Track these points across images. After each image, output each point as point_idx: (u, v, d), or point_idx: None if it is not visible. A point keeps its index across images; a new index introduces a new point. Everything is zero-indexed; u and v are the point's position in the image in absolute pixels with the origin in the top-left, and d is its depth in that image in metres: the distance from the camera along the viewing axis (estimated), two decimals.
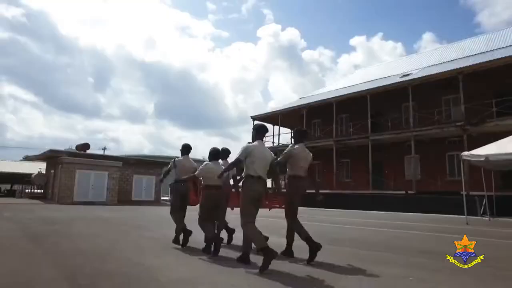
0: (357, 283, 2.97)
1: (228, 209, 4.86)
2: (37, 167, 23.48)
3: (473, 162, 10.45)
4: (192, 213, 5.03)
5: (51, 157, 19.37)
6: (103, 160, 18.93)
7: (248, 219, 3.59)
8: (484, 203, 13.28)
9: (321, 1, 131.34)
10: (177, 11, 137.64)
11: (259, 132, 3.96)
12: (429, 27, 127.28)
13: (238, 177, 4.19)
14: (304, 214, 12.77)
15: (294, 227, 4.08)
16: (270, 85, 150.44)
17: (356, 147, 21.53)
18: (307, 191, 4.25)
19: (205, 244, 4.30)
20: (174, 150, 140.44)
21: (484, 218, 12.39)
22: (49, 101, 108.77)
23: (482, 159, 9.88)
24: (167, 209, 5.45)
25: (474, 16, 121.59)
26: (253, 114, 27.75)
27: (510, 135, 15.04)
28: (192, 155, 5.51)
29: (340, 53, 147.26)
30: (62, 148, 20.26)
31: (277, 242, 4.33)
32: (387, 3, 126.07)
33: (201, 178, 4.56)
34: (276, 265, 3.34)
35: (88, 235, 5.62)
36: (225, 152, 5.01)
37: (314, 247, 3.74)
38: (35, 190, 21.20)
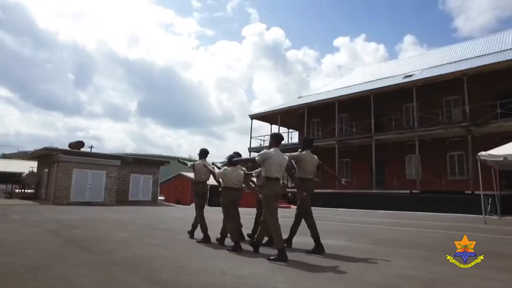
0: None
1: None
2: (27, 166, 22.40)
3: (490, 162, 10.53)
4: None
5: (45, 156, 18.45)
6: (101, 159, 18.18)
7: (273, 214, 4.13)
8: (489, 201, 13.52)
9: (306, 1, 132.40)
10: (161, 8, 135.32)
11: (276, 140, 4.44)
12: (410, 30, 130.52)
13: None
14: (315, 214, 12.70)
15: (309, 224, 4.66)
16: (255, 84, 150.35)
17: (357, 146, 21.61)
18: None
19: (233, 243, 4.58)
20: (158, 148, 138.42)
21: (492, 217, 12.58)
22: (26, 98, 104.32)
23: (501, 159, 9.97)
24: (172, 209, 5.76)
25: (452, 21, 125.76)
26: (236, 113, 27.92)
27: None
28: (175, 154, 5.44)
29: (324, 53, 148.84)
30: (40, 147, 19.29)
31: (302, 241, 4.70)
32: (371, 5, 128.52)
33: (221, 180, 4.95)
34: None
35: (130, 240, 5.21)
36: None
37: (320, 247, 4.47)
38: (26, 190, 20.14)
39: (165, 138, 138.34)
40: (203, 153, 5.74)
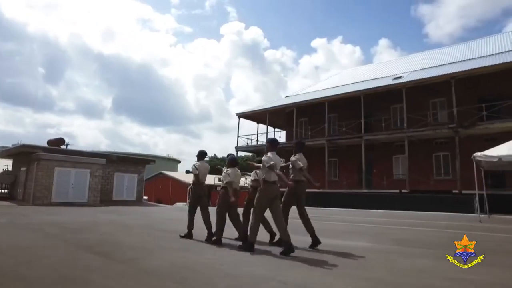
0: None
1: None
2: (0, 165, 20.91)
3: (483, 162, 10.83)
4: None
5: (22, 153, 17.27)
6: (85, 157, 17.25)
7: (260, 215, 4.52)
8: (477, 200, 14.00)
9: (285, 2, 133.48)
10: (138, 3, 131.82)
11: (272, 145, 4.74)
12: (385, 34, 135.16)
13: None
14: (308, 213, 12.64)
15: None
16: (232, 83, 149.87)
17: (345, 146, 21.84)
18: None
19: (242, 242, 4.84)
20: (133, 147, 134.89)
21: (481, 215, 13.01)
22: None
23: (495, 159, 10.27)
24: (161, 209, 5.99)
25: (423, 27, 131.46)
26: (214, 111, 27.72)
27: (496, 137, 16.08)
28: (151, 152, 5.35)
29: (301, 54, 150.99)
30: (10, 144, 18.15)
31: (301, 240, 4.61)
32: (347, 7, 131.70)
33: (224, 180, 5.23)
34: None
35: (147, 245, 4.82)
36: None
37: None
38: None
39: (141, 136, 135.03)
40: (202, 155, 5.90)
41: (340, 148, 22.05)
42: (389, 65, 26.91)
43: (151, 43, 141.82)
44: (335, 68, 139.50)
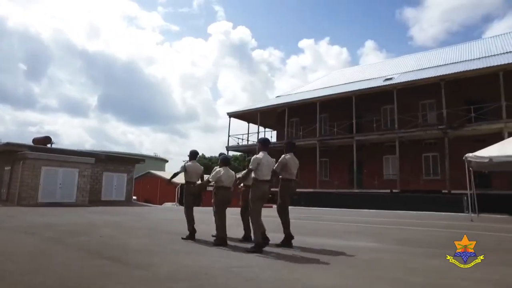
0: None
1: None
2: None
3: (475, 163, 11.08)
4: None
5: (6, 152, 16.61)
6: (73, 156, 16.74)
7: (258, 213, 4.58)
8: (466, 200, 14.36)
9: (273, 2, 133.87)
10: (124, 0, 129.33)
11: (263, 145, 4.89)
12: (371, 36, 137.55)
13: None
14: (302, 213, 12.69)
15: (284, 220, 5.00)
16: (220, 83, 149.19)
17: (336, 147, 22.01)
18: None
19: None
20: (119, 146, 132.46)
21: (471, 214, 13.34)
22: None
23: (486, 160, 10.53)
24: (153, 209, 6.18)
25: (408, 30, 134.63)
26: (201, 111, 27.80)
27: (485, 138, 16.54)
28: (137, 151, 5.29)
29: (289, 54, 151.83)
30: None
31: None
32: (335, 9, 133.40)
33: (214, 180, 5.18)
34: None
35: (155, 248, 4.65)
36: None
37: (291, 237, 4.91)
38: None
39: (127, 135, 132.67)
40: (194, 155, 5.95)
41: (330, 148, 22.22)
42: (378, 66, 27.33)
43: (137, 41, 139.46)
44: (322, 68, 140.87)
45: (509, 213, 12.73)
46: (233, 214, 5.93)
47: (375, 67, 27.35)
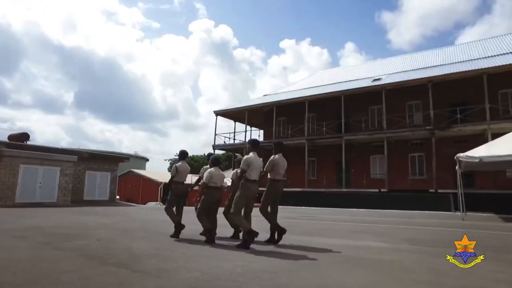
0: None
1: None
2: None
3: (465, 162, 11.31)
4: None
5: None
6: (54, 154, 15.91)
7: (239, 211, 4.77)
8: (452, 199, 14.74)
9: (255, 2, 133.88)
10: None
11: (253, 145, 5.10)
12: (351, 38, 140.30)
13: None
14: (293, 213, 12.59)
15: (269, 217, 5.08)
16: (201, 81, 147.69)
17: (323, 146, 22.10)
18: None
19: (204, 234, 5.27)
20: (96, 144, 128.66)
21: (457, 213, 13.68)
22: None
23: (476, 160, 10.77)
24: (140, 209, 6.67)
25: (386, 33, 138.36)
26: (181, 109, 27.31)
27: (465, 138, 17.04)
28: (116, 149, 5.17)
29: (270, 54, 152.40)
30: None
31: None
32: (316, 10, 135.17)
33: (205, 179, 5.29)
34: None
35: (162, 252, 4.34)
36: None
37: (282, 231, 4.99)
38: None
39: (105, 133, 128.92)
40: (183, 155, 6.08)
41: (317, 148, 22.28)
42: (365, 67, 27.67)
43: (116, 37, 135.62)
44: (303, 69, 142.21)
45: (494, 212, 13.12)
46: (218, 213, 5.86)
47: (361, 68, 27.71)
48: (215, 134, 25.61)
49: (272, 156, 5.17)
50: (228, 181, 5.97)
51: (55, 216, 9.51)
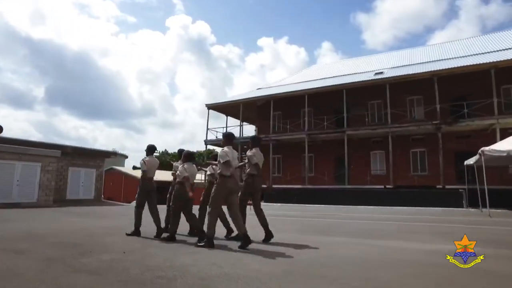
0: None
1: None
2: None
3: (491, 157, 10.83)
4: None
5: None
6: (34, 148, 14.14)
7: (216, 209, 4.59)
8: (464, 195, 14.39)
9: None
10: None
11: (229, 139, 4.90)
12: (327, 37, 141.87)
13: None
14: (305, 211, 11.59)
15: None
16: (178, 78, 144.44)
17: (322, 142, 21.37)
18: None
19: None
20: (70, 141, 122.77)
21: (470, 209, 13.28)
22: None
23: (504, 154, 10.35)
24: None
25: (361, 34, 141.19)
26: (158, 106, 25.73)
27: (468, 134, 16.82)
28: (92, 147, 4.25)
29: (248, 51, 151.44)
30: None
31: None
32: (294, 9, 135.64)
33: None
34: None
35: (217, 269, 3.26)
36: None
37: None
38: None
39: (79, 130, 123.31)
40: (151, 150, 5.93)
41: (315, 143, 21.52)
42: (362, 60, 27.19)
43: (90, 31, 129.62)
44: (281, 67, 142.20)
45: (509, 208, 12.79)
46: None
47: (358, 61, 27.25)
48: (207, 129, 24.30)
49: (249, 151, 5.12)
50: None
51: (44, 219, 8.08)
